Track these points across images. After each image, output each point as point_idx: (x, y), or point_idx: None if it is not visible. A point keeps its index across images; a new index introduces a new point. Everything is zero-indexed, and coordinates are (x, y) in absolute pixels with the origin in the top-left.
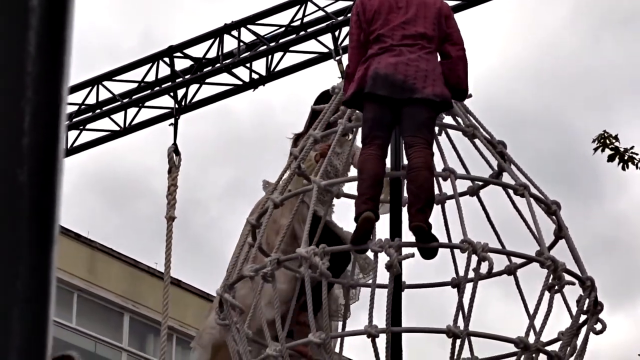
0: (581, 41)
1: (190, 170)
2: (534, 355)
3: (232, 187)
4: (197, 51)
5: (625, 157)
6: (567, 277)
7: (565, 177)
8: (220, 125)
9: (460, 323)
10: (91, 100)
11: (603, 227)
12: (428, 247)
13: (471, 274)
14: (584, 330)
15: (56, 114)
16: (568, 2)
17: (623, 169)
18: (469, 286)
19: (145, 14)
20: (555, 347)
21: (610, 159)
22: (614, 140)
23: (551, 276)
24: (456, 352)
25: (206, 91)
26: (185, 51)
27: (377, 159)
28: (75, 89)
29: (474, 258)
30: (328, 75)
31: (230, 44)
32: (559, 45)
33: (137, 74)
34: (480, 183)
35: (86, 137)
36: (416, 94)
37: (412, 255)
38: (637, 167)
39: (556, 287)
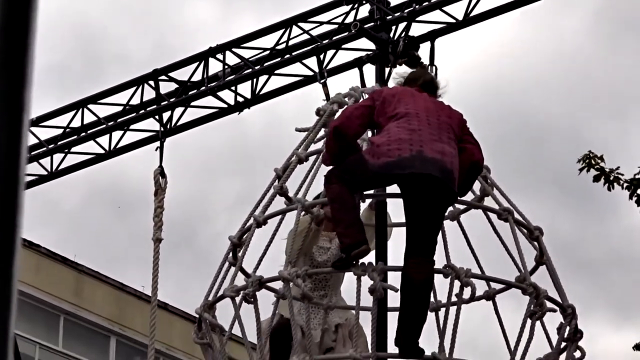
0: (600, 49)
1: (198, 182)
2: None
3: (241, 198)
4: (182, 74)
5: (611, 178)
6: (549, 304)
7: (583, 189)
8: (229, 135)
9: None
10: (76, 123)
11: (618, 241)
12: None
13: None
14: (563, 357)
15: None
16: (588, 10)
17: (609, 189)
18: (452, 310)
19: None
20: None
21: (596, 179)
22: (599, 161)
23: (533, 303)
24: None
25: (191, 114)
26: (170, 74)
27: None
28: (60, 112)
29: (457, 283)
30: (313, 98)
31: (215, 67)
32: (578, 54)
33: (122, 97)
34: (462, 207)
35: (71, 160)
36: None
37: (396, 290)
38: (622, 188)
39: (538, 314)
